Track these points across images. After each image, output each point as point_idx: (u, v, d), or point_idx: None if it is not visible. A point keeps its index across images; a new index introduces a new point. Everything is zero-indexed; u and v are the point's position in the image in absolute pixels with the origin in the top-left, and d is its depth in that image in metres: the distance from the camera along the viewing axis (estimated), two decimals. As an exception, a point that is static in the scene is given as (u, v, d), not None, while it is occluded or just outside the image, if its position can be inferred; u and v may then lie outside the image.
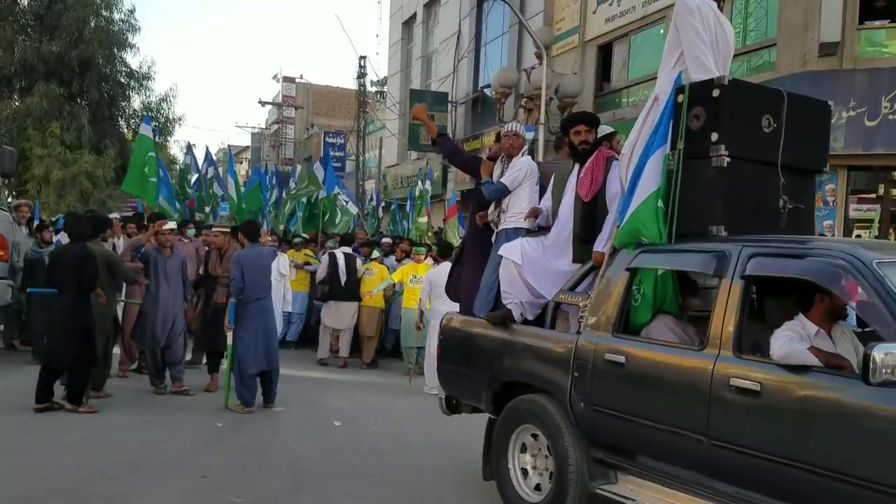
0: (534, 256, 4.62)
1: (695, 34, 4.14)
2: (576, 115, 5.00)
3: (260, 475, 5.44)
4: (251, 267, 7.24)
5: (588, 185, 4.43)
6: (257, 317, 7.29)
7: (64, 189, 20.21)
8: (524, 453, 4.63)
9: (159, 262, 7.82)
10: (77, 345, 6.74)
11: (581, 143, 4.65)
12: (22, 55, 22.31)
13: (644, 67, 14.40)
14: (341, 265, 10.46)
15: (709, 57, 4.12)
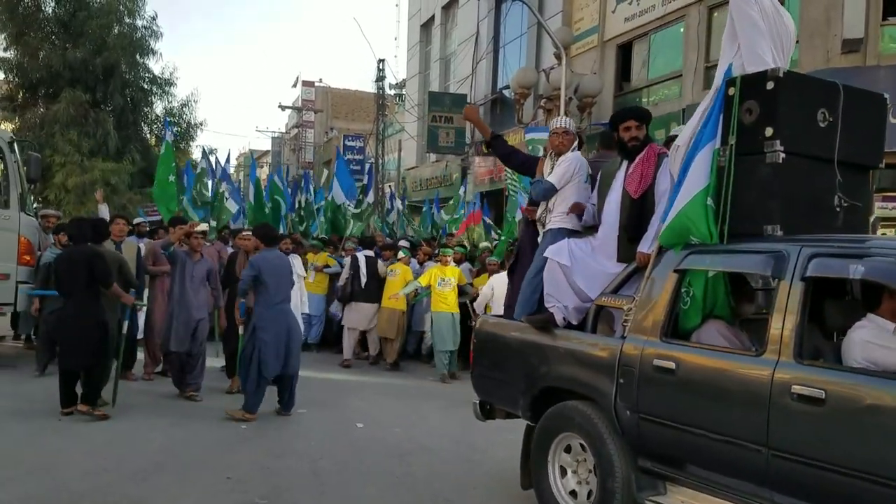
0: (582, 258, 4.47)
1: (751, 25, 3.96)
2: (626, 109, 4.78)
3: (284, 476, 5.45)
4: (272, 271, 7.11)
5: (637, 182, 4.26)
6: (280, 321, 7.14)
7: (84, 195, 20.25)
8: (565, 463, 4.47)
9: (187, 266, 7.77)
10: (90, 346, 6.67)
11: (631, 140, 4.47)
12: (47, 62, 22.42)
13: (664, 66, 14.23)
14: (363, 267, 10.57)
15: (765, 48, 3.94)
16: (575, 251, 4.49)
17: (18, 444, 5.87)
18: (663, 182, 4.25)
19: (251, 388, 7.05)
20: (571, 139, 5.04)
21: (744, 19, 3.99)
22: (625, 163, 4.50)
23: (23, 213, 8.82)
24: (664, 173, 4.26)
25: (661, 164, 4.30)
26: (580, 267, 4.42)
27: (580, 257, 4.46)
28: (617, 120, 4.58)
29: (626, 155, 4.48)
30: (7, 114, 23.39)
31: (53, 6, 23.44)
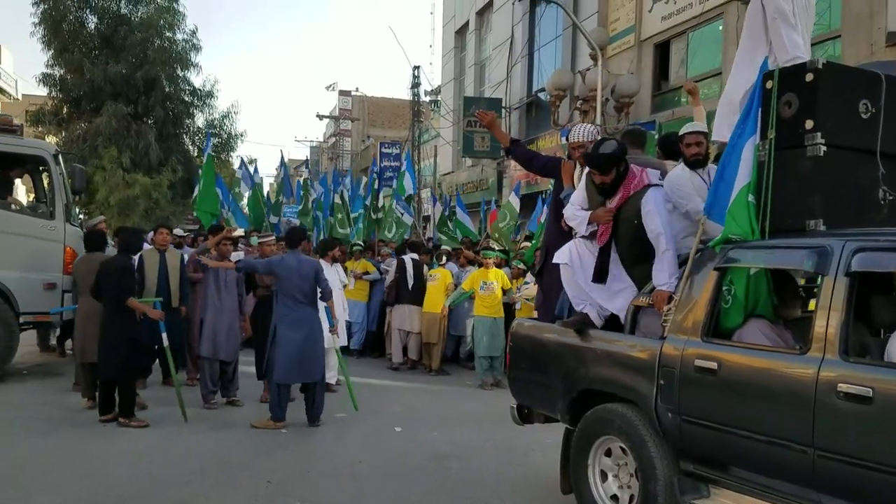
0: (586, 258, 4.44)
1: (782, 16, 3.88)
2: (595, 156, 4.39)
3: (323, 481, 5.49)
4: (286, 275, 6.96)
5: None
6: (296, 327, 6.94)
7: (128, 208, 20.69)
8: (605, 466, 4.41)
9: (219, 272, 7.77)
10: (121, 356, 6.73)
11: (602, 184, 4.36)
12: (90, 77, 22.99)
13: (703, 65, 14.02)
14: (409, 270, 10.63)
15: (796, 39, 3.85)
16: (576, 251, 4.48)
17: (65, 450, 6.00)
18: (653, 221, 4.17)
19: (272, 395, 7.04)
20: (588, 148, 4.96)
21: (775, 10, 3.91)
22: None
23: (68, 224, 9.03)
24: (655, 210, 4.19)
25: (648, 201, 4.20)
26: (582, 267, 4.42)
27: (584, 257, 4.44)
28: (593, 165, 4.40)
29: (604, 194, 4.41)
30: (52, 128, 24.00)
31: (96, 22, 24.02)
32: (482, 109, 5.40)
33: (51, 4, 22.91)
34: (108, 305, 6.86)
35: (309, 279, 7.04)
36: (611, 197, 4.36)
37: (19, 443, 6.13)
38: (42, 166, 9.54)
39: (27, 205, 10.51)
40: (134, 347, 6.87)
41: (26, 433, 6.42)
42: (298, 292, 6.99)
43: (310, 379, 7.03)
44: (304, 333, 6.98)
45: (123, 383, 6.82)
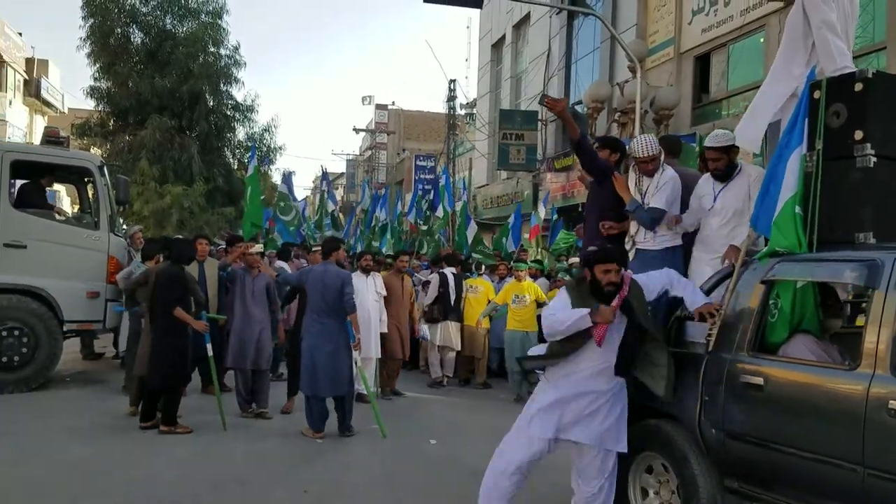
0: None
1: (828, 25, 3.82)
2: (603, 250, 4.29)
3: (359, 491, 5.51)
4: (311, 285, 6.96)
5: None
6: (320, 339, 6.88)
7: (163, 219, 21.05)
8: (646, 484, 4.33)
9: (246, 282, 7.76)
10: (169, 366, 6.80)
11: (608, 285, 4.15)
12: (136, 91, 23.54)
13: (744, 77, 13.85)
14: (451, 284, 10.31)
15: (842, 47, 3.78)
16: None
17: (108, 457, 6.08)
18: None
19: (305, 406, 7.02)
20: (660, 158, 4.90)
21: (819, 18, 3.84)
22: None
23: (112, 234, 9.21)
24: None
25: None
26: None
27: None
28: (593, 261, 4.17)
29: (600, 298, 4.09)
30: (98, 140, 24.56)
31: (142, 37, 24.59)
32: (550, 97, 5.25)
33: (99, 19, 23.51)
34: (159, 315, 6.91)
35: (334, 290, 6.91)
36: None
37: (64, 449, 6.23)
38: (87, 177, 9.76)
39: (72, 215, 10.75)
40: (183, 357, 6.95)
41: (70, 440, 6.53)
42: (323, 303, 6.93)
43: (336, 393, 6.95)
44: (330, 346, 6.89)
45: (170, 392, 6.90)
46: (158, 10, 24.66)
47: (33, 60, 34.48)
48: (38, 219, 8.91)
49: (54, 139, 9.40)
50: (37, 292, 8.66)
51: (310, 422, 6.97)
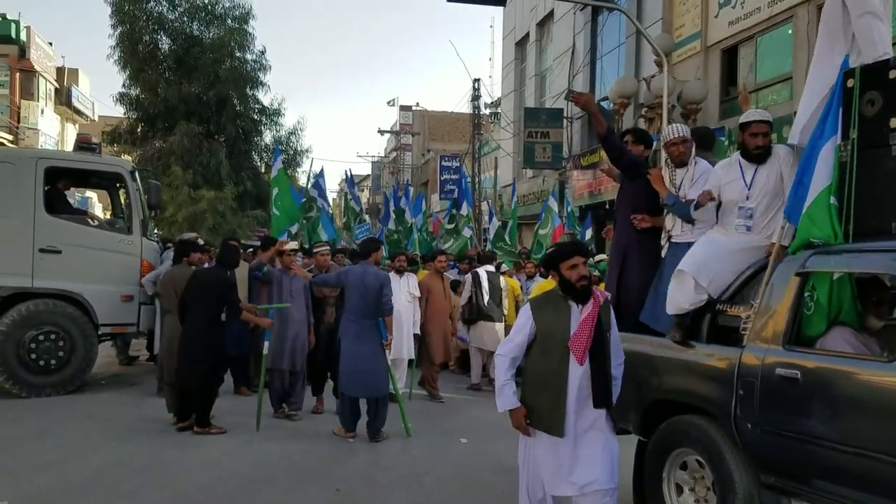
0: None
1: (870, 10, 3.74)
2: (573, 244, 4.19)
3: (391, 490, 5.53)
4: (351, 285, 6.96)
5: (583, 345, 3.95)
6: (357, 339, 6.90)
7: (195, 223, 21.28)
8: (681, 480, 4.28)
9: (283, 282, 7.77)
10: (206, 369, 6.86)
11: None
12: (164, 97, 23.85)
13: (772, 69, 13.65)
14: (484, 284, 10.05)
15: (884, 33, 3.70)
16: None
17: (141, 458, 6.17)
18: None
19: (339, 405, 7.06)
20: (690, 145, 4.85)
21: (865, 4, 3.76)
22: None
23: (144, 238, 9.34)
24: None
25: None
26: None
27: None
28: (556, 260, 3.95)
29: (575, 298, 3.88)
30: (128, 146, 24.92)
31: (169, 43, 24.90)
32: (576, 92, 5.25)
33: (127, 27, 23.84)
34: (197, 317, 6.92)
35: (373, 291, 6.92)
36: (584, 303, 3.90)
37: (98, 451, 6.32)
38: (120, 183, 9.90)
39: (105, 220, 10.91)
40: (217, 357, 7.02)
41: (104, 441, 6.63)
42: (362, 304, 6.93)
43: (370, 394, 6.94)
44: (367, 347, 6.90)
45: (206, 394, 6.97)
46: (185, 17, 24.93)
47: (64, 70, 35.17)
48: (73, 224, 9.07)
49: (87, 145, 9.56)
50: (72, 296, 8.81)
51: (342, 421, 7.01)
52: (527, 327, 3.91)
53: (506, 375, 3.92)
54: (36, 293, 8.68)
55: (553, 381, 3.84)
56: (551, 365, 3.85)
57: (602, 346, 3.79)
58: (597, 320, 3.78)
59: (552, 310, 3.88)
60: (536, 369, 3.93)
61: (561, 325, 3.83)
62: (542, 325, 3.87)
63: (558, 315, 3.85)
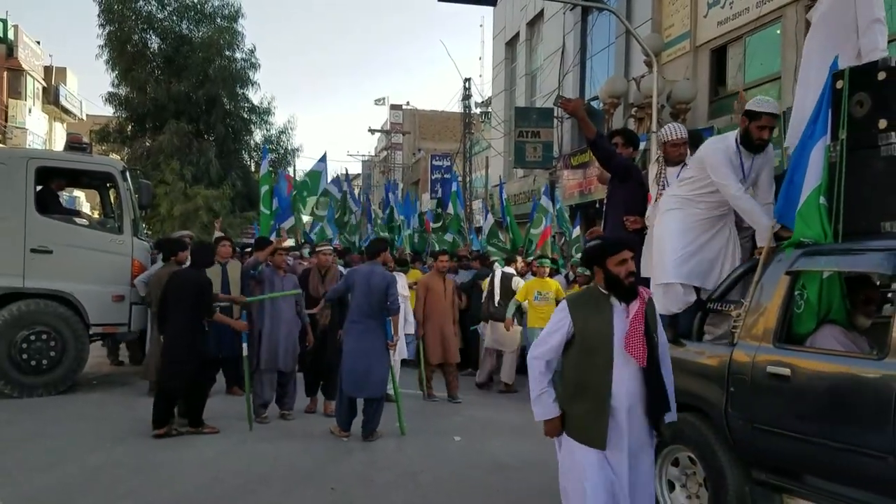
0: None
1: (878, 20, 3.81)
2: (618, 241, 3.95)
3: (387, 489, 5.55)
4: (359, 285, 6.95)
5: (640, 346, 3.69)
6: (360, 339, 6.90)
7: (188, 221, 21.22)
8: (673, 477, 4.34)
9: (275, 282, 7.73)
10: (190, 372, 6.77)
11: (628, 276, 3.85)
12: (153, 96, 23.78)
13: (761, 69, 13.75)
14: (497, 284, 10.06)
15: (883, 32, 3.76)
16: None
17: (137, 459, 6.16)
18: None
19: (337, 403, 7.06)
20: (687, 145, 4.92)
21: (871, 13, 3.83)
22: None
23: (135, 238, 9.32)
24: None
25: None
26: None
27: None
28: (605, 254, 3.61)
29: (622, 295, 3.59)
30: (116, 145, 24.81)
31: (159, 43, 24.81)
32: (564, 97, 5.36)
33: (116, 26, 23.75)
34: (178, 319, 6.84)
35: (378, 292, 6.92)
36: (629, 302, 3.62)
37: (93, 451, 6.31)
38: (110, 182, 9.87)
39: (96, 220, 10.88)
40: (200, 357, 6.94)
41: (99, 442, 6.62)
42: (366, 304, 6.93)
43: (369, 394, 6.95)
44: (369, 347, 6.92)
45: (196, 395, 6.93)
46: (174, 16, 24.88)
47: (51, 69, 34.94)
48: (64, 224, 9.04)
49: (77, 145, 9.53)
50: (63, 296, 8.78)
51: (340, 421, 7.00)
52: (564, 327, 3.57)
53: (542, 381, 3.58)
54: (27, 293, 8.66)
55: (596, 386, 3.49)
56: (594, 369, 3.51)
57: (652, 349, 3.51)
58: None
59: (592, 308, 3.57)
60: (576, 373, 3.58)
61: (604, 325, 3.51)
62: (582, 324, 3.54)
63: (600, 314, 3.53)
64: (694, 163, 4.61)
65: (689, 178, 4.53)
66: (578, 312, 3.57)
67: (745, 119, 4.32)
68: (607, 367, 3.48)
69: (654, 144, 14.53)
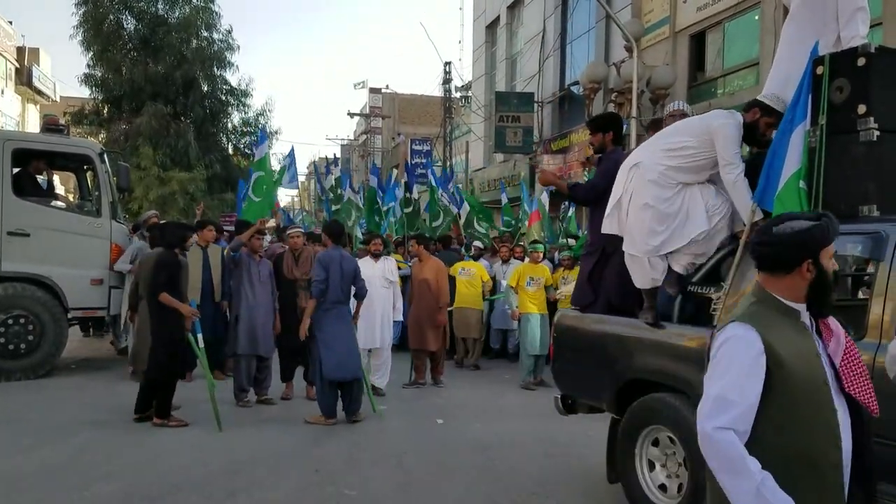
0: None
1: (861, 8, 3.86)
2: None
3: (371, 470, 5.59)
4: (334, 269, 6.94)
5: None
6: (337, 323, 6.95)
7: (166, 205, 21.02)
8: (653, 456, 4.41)
9: (251, 267, 7.69)
10: (159, 356, 6.63)
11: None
12: (130, 77, 23.42)
13: (740, 55, 13.89)
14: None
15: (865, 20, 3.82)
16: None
17: (119, 442, 6.15)
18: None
19: (319, 391, 7.00)
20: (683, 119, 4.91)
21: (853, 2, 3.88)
22: None
23: (114, 221, 9.24)
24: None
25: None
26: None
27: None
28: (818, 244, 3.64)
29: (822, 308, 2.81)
30: (93, 128, 24.46)
31: (134, 23, 24.43)
32: (541, 173, 5.71)
33: (91, 6, 23.34)
34: (148, 302, 6.79)
35: (349, 276, 7.04)
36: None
37: (73, 435, 6.29)
38: (88, 165, 9.77)
39: (74, 203, 10.76)
40: (173, 347, 6.69)
41: (80, 426, 6.59)
42: (340, 290, 6.98)
43: (353, 376, 7.00)
44: (346, 331, 7.01)
45: (162, 383, 6.68)
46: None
47: (24, 49, 34.31)
48: (41, 207, 8.95)
49: (54, 127, 9.42)
50: (41, 280, 8.70)
51: (325, 408, 6.93)
52: (759, 368, 2.14)
53: (752, 464, 2.07)
54: (4, 277, 8.57)
55: (823, 458, 2.17)
56: (814, 431, 2.17)
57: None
58: None
59: (790, 332, 2.23)
60: (782, 441, 2.15)
61: (812, 359, 2.22)
62: (783, 358, 2.15)
63: (804, 341, 2.24)
64: (694, 131, 4.24)
65: (682, 148, 4.21)
66: (774, 339, 2.17)
67: (758, 111, 4.18)
68: (832, 426, 2.19)
69: (633, 130, 14.66)
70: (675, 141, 4.27)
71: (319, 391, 7.05)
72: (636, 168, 4.35)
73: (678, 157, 4.21)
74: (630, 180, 4.37)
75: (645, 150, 4.45)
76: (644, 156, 4.38)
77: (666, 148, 4.28)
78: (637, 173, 4.33)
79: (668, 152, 4.24)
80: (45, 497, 4.79)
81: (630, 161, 4.46)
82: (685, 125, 4.44)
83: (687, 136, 4.25)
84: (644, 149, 4.49)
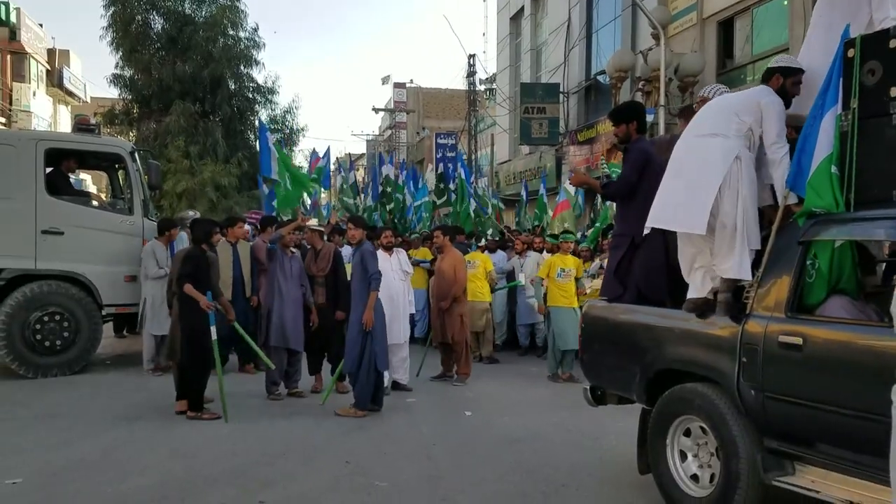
0: None
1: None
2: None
3: (401, 461, 5.61)
4: (355, 266, 7.17)
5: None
6: (381, 315, 7.24)
7: (195, 200, 21.23)
8: (685, 447, 4.38)
9: (284, 262, 7.76)
10: (184, 347, 6.77)
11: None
12: (158, 77, 23.71)
13: (769, 41, 13.66)
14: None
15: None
16: None
17: (152, 435, 6.26)
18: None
19: (363, 382, 6.98)
20: None
21: None
22: None
23: (145, 219, 9.37)
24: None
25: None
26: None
27: None
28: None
29: None
30: (124, 127, 24.79)
31: (162, 23, 24.70)
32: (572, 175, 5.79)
33: (119, 7, 23.64)
34: (176, 295, 6.96)
35: (366, 271, 7.18)
36: None
37: (108, 429, 6.41)
38: (119, 163, 9.91)
39: (106, 201, 10.93)
40: (195, 338, 6.75)
41: (114, 420, 6.72)
42: (361, 285, 7.14)
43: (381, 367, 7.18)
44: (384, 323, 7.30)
45: (189, 375, 6.82)
46: (177, -5, 24.73)
47: (55, 51, 34.86)
48: (74, 205, 9.11)
49: (86, 126, 9.57)
50: (76, 277, 8.86)
51: (364, 400, 7.00)
52: None
53: None
54: (39, 275, 8.73)
55: None
56: None
57: None
58: None
59: None
60: None
61: None
62: None
63: None
64: (749, 109, 4.08)
65: (750, 130, 4.08)
66: None
67: (780, 77, 4.18)
68: None
69: (661, 118, 14.51)
70: (741, 121, 4.08)
71: (362, 386, 7.00)
72: (738, 161, 4.01)
73: (734, 126, 4.08)
74: (732, 174, 4.00)
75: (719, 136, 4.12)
76: (737, 148, 4.05)
77: (739, 132, 4.09)
78: (739, 167, 4.02)
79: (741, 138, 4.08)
80: (82, 491, 4.88)
81: (717, 151, 4.08)
82: (739, 103, 4.22)
83: (746, 115, 4.08)
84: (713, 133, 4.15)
